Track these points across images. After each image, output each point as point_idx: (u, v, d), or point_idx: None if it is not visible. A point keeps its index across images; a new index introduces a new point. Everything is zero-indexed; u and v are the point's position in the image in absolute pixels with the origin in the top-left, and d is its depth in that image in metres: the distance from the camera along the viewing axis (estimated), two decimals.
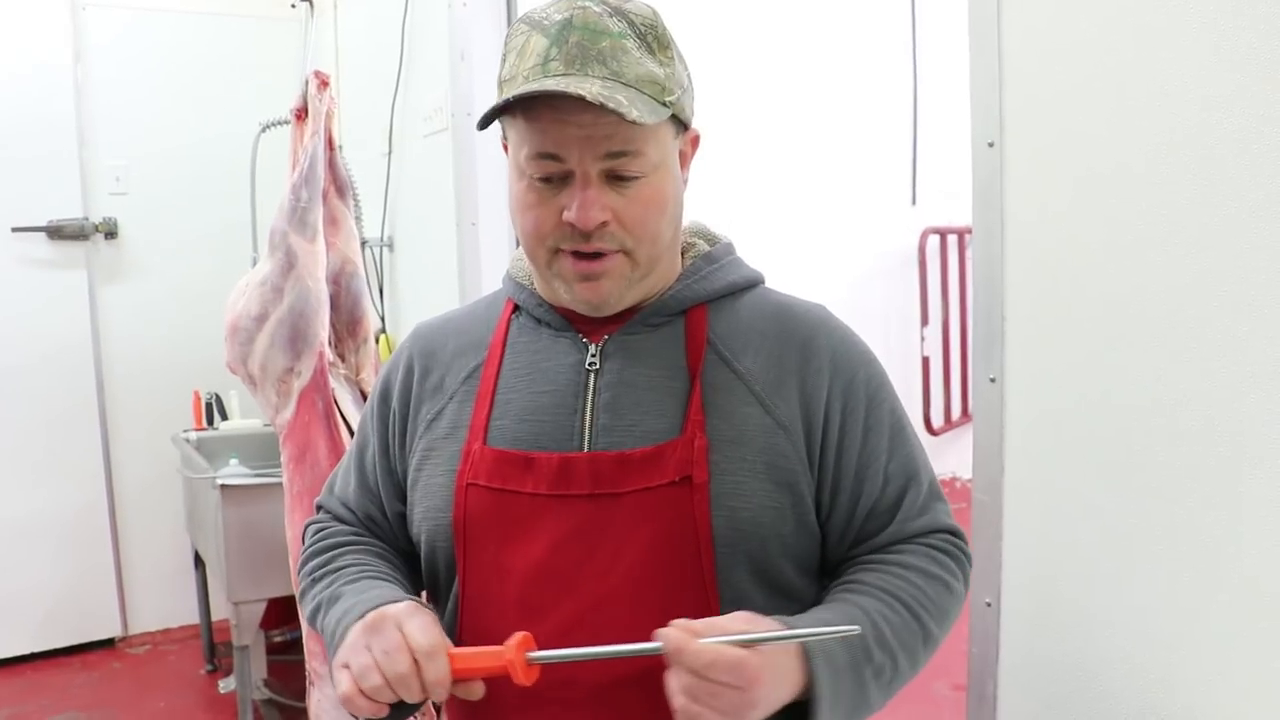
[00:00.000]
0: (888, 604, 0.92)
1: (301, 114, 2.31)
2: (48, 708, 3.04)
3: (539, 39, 0.91)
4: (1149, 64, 1.02)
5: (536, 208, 0.94)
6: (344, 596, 0.98)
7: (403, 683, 0.85)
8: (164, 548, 3.53)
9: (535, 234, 0.95)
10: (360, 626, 0.90)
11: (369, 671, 0.86)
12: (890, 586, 0.94)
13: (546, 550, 0.95)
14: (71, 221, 3.36)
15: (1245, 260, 0.95)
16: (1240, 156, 0.94)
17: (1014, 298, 1.20)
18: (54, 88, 3.32)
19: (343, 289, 2.39)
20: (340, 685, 0.88)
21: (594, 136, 0.90)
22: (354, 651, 0.89)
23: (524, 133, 0.93)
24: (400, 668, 0.85)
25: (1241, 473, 0.97)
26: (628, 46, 0.91)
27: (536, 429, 0.98)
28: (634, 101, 0.88)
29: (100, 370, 3.45)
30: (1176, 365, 1.02)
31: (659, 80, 0.93)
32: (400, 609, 0.90)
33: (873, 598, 0.93)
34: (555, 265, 0.96)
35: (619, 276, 0.96)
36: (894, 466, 1.00)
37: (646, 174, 0.93)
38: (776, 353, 1.00)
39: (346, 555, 1.06)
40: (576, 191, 0.91)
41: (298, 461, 2.23)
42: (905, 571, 0.95)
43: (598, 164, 0.91)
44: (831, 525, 0.99)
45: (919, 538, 0.99)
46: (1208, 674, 1.01)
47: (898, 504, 0.99)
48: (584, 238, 0.93)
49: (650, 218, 0.94)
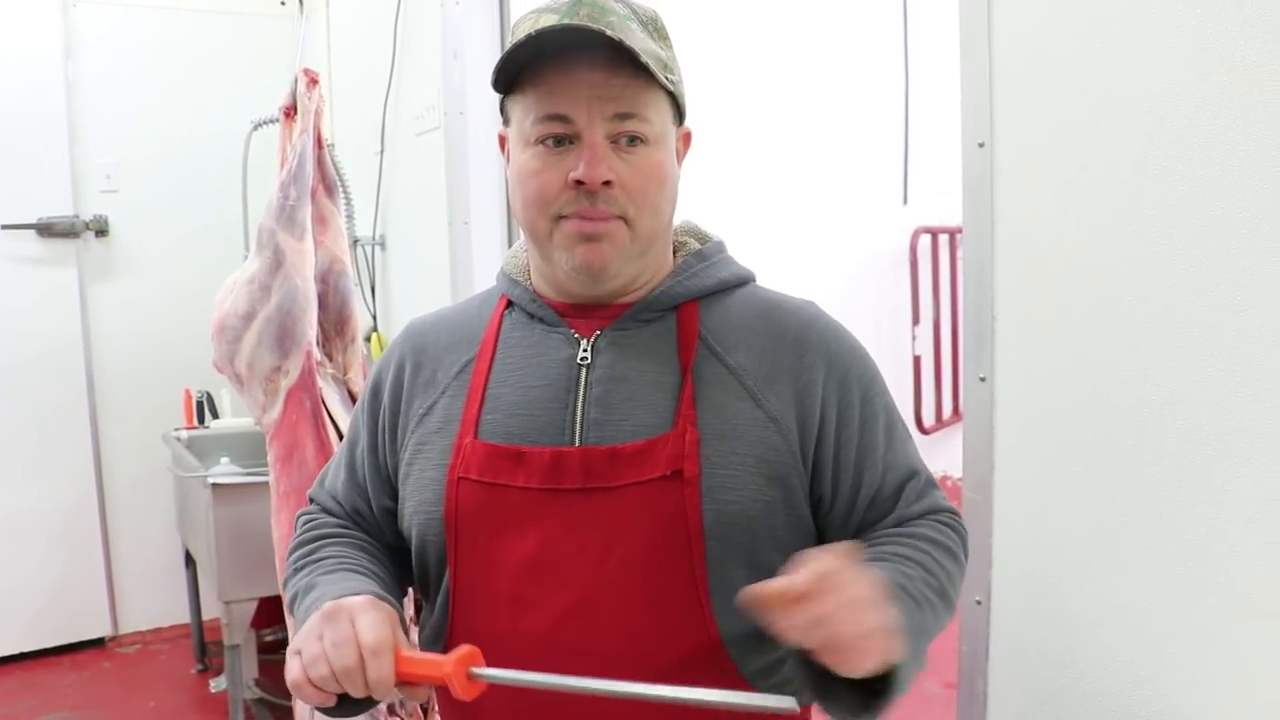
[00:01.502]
0: (905, 563, 0.93)
1: (290, 112, 2.31)
2: (37, 708, 3.03)
3: (549, 16, 0.94)
4: (1139, 65, 1.03)
5: (542, 172, 0.95)
6: (318, 586, 0.97)
7: (348, 676, 0.85)
8: (155, 547, 3.52)
9: (539, 199, 0.96)
10: (318, 615, 0.89)
11: (317, 661, 0.85)
12: (904, 552, 0.94)
13: (537, 544, 0.95)
14: (62, 219, 3.35)
15: (1234, 260, 0.95)
16: (1229, 157, 0.95)
17: (1004, 297, 1.21)
18: (44, 84, 3.31)
19: (331, 288, 2.39)
20: (290, 671, 0.88)
21: (603, 96, 0.92)
22: (307, 639, 0.88)
23: (532, 100, 0.95)
24: (347, 661, 0.84)
25: (1229, 472, 0.97)
26: (632, 27, 0.95)
27: (528, 423, 0.99)
28: (642, 55, 0.91)
29: (91, 368, 3.44)
30: (1165, 365, 1.02)
31: (662, 59, 0.96)
32: (357, 602, 0.89)
33: (891, 560, 0.93)
34: (557, 234, 0.97)
35: (619, 244, 0.96)
36: (891, 456, 1.01)
37: (650, 140, 0.96)
38: (769, 348, 1.00)
39: (329, 547, 1.06)
40: (584, 149, 0.93)
41: (285, 461, 2.23)
42: (915, 540, 0.96)
43: (605, 125, 0.93)
44: (833, 517, 1.00)
45: (922, 517, 1.00)
46: (1195, 672, 1.01)
47: (899, 492, 1.00)
48: (589, 198, 0.94)
49: (651, 187, 0.96)
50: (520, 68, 0.95)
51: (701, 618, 0.93)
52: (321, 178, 2.35)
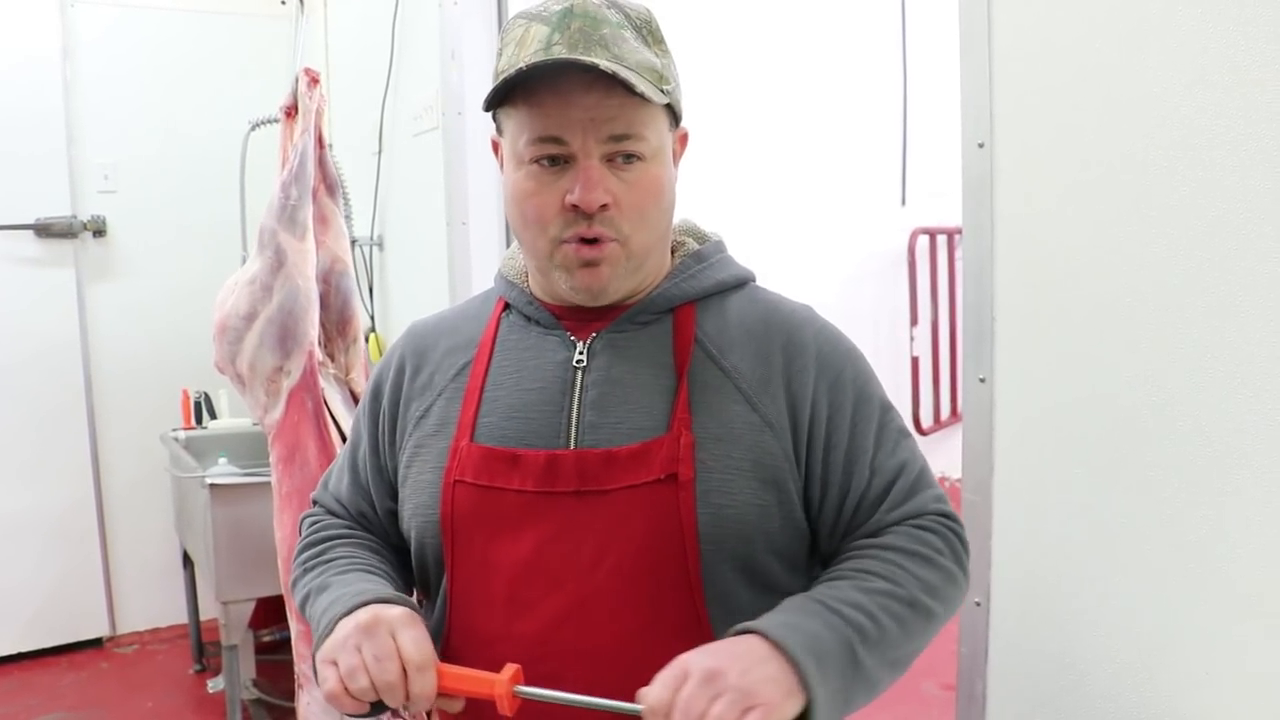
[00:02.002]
0: (861, 579, 0.92)
1: (291, 112, 2.31)
2: (35, 708, 3.03)
3: (539, 27, 0.93)
4: (1140, 65, 1.03)
5: (537, 194, 0.94)
6: (331, 587, 0.98)
7: (389, 690, 0.87)
8: (152, 547, 3.52)
9: (538, 222, 0.95)
10: (353, 625, 0.90)
11: (357, 673, 0.87)
12: (867, 566, 0.93)
13: (533, 547, 0.95)
14: (60, 219, 3.34)
15: (1235, 261, 0.95)
16: (1231, 158, 0.95)
17: (1004, 298, 1.20)
18: (42, 84, 3.30)
19: (332, 288, 2.39)
20: (327, 682, 0.89)
21: (597, 119, 0.91)
22: (344, 650, 0.89)
23: (525, 118, 0.94)
24: (390, 676, 0.86)
25: (1229, 473, 0.97)
26: (626, 36, 0.93)
27: (523, 426, 0.98)
28: (638, 82, 0.90)
29: (88, 369, 3.44)
30: (1165, 365, 1.02)
31: (657, 69, 0.95)
32: (396, 616, 0.90)
33: (847, 579, 0.92)
34: (557, 256, 0.96)
35: (615, 264, 0.96)
36: (880, 460, 0.99)
37: (647, 157, 0.95)
38: (764, 351, 1.00)
39: (340, 547, 1.07)
40: (580, 173, 0.92)
41: (287, 462, 2.23)
42: (882, 550, 0.95)
43: (600, 147, 0.92)
44: (822, 520, 1.00)
45: (903, 522, 0.98)
46: (1195, 673, 1.01)
47: (884, 495, 0.99)
48: (586, 221, 0.93)
49: (648, 204, 0.96)
50: (511, 85, 0.93)
51: (696, 621, 0.93)
52: (323, 177, 2.35)
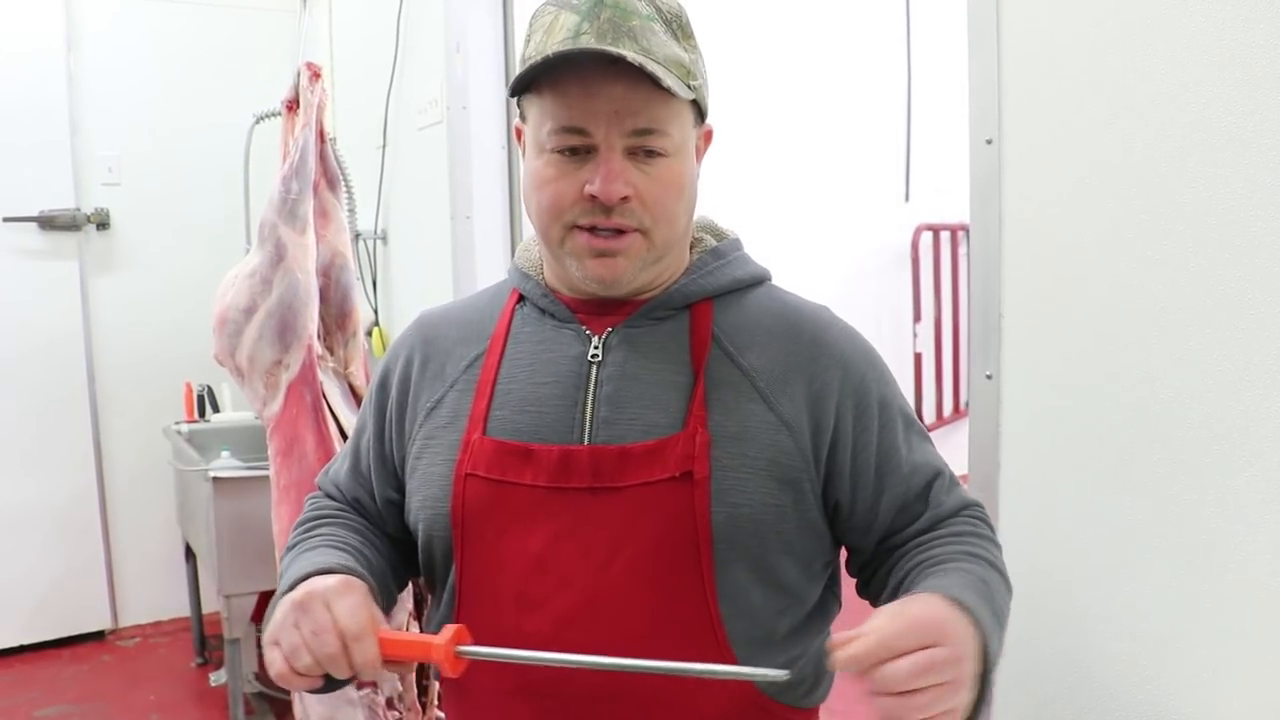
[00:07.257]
0: (971, 561, 0.93)
1: (293, 105, 2.30)
2: (37, 700, 3.03)
3: (569, 15, 0.92)
4: (1149, 62, 1.02)
5: (556, 181, 0.94)
6: (292, 566, 0.97)
7: (332, 663, 0.86)
8: (155, 540, 3.52)
9: (553, 208, 0.95)
10: (290, 603, 0.89)
11: (299, 651, 0.86)
12: (966, 549, 0.94)
13: (544, 543, 0.94)
14: (63, 212, 3.34)
15: (1245, 259, 0.95)
16: (1240, 155, 0.94)
17: (1011, 295, 1.20)
18: (46, 76, 3.30)
19: (332, 282, 2.38)
20: (274, 664, 0.88)
21: (622, 111, 0.90)
22: (284, 629, 0.88)
23: (549, 107, 0.93)
24: (329, 649, 0.85)
25: (1237, 470, 0.97)
26: (656, 29, 0.93)
27: (537, 420, 0.98)
28: (665, 75, 0.89)
29: (91, 361, 3.43)
30: (1173, 363, 1.02)
31: (685, 64, 0.94)
32: (330, 586, 0.89)
33: (956, 562, 0.92)
34: (568, 243, 0.96)
35: (635, 256, 0.95)
36: (914, 459, 1.00)
37: (669, 153, 0.94)
38: (782, 350, 0.99)
39: (323, 527, 1.06)
40: (601, 164, 0.91)
41: (285, 455, 2.22)
42: (964, 537, 0.96)
43: (623, 140, 0.92)
44: (854, 522, 0.99)
45: (956, 514, 0.99)
46: (1202, 670, 1.01)
47: (926, 493, 0.99)
48: (604, 212, 0.92)
49: (670, 198, 0.95)
50: (537, 72, 0.92)
51: (708, 620, 0.93)
52: (323, 171, 2.34)
